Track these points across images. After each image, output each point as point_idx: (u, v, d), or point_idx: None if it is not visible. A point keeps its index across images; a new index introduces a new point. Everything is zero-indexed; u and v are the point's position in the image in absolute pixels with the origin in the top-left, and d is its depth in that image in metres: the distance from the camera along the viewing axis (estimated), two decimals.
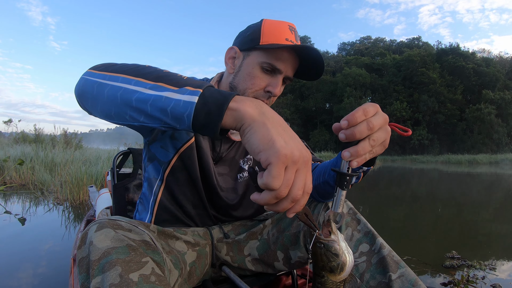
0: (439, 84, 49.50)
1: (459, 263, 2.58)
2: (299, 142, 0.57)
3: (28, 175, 6.33)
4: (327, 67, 60.75)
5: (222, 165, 1.15)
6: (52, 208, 4.24)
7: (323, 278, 0.66)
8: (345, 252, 0.65)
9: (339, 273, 0.64)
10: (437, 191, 8.53)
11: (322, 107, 56.38)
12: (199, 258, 1.05)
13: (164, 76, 0.67)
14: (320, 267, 0.66)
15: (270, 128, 0.55)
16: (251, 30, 1.02)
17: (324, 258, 0.65)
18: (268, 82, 1.00)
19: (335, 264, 0.64)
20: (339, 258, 0.64)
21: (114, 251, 0.66)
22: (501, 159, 31.54)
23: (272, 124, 0.56)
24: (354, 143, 0.62)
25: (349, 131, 0.61)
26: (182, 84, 0.63)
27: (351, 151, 0.62)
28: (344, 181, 0.65)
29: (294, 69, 1.03)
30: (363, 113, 0.62)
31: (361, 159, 0.64)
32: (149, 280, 0.64)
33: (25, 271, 2.17)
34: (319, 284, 0.67)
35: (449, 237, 3.58)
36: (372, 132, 0.63)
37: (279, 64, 0.98)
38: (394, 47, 70.64)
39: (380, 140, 0.65)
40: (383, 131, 0.65)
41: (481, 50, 64.31)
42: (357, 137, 0.61)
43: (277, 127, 0.56)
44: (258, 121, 0.57)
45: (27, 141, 11.84)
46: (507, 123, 46.27)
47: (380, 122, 0.63)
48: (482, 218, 4.70)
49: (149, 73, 0.68)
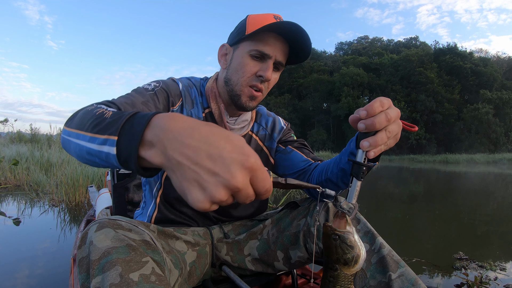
0: (436, 84, 49.66)
1: (468, 264, 2.55)
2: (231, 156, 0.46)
3: (23, 175, 6.21)
4: (324, 66, 60.91)
5: None
6: (47, 210, 4.14)
7: (336, 271, 0.65)
8: (359, 244, 0.64)
9: (353, 266, 0.63)
10: (445, 191, 8.48)
11: (319, 107, 56.46)
12: (199, 258, 1.06)
13: (98, 124, 0.62)
14: (334, 259, 0.64)
15: (179, 176, 0.47)
16: (238, 25, 1.07)
17: (339, 250, 0.63)
18: (259, 67, 1.02)
19: (350, 257, 0.63)
20: (354, 250, 0.63)
21: (114, 250, 0.66)
22: (499, 159, 31.67)
23: (183, 169, 0.46)
24: (371, 134, 0.65)
25: (370, 121, 0.63)
26: (107, 132, 0.58)
27: (370, 141, 0.64)
28: (361, 171, 0.66)
29: (285, 54, 1.04)
30: (380, 105, 0.64)
31: (378, 150, 0.66)
32: (149, 279, 0.65)
33: (20, 274, 2.08)
34: (331, 278, 0.65)
35: (452, 238, 3.53)
36: (389, 123, 0.65)
37: (267, 49, 0.99)
38: (392, 46, 70.70)
39: (395, 132, 0.67)
40: (396, 124, 0.68)
41: (479, 50, 64.85)
42: (376, 127, 0.63)
43: (191, 169, 0.46)
44: (168, 169, 0.49)
45: (23, 141, 11.72)
46: (504, 122, 46.51)
47: (395, 114, 0.66)
48: (489, 218, 4.64)
49: (89, 124, 0.64)
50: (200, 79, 1.21)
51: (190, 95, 1.12)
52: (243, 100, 1.06)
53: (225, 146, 0.46)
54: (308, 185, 0.74)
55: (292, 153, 1.20)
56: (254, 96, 1.05)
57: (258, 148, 1.22)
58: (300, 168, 1.15)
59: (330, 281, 0.66)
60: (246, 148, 0.48)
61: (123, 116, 0.57)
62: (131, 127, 0.54)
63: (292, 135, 1.27)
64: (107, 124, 0.59)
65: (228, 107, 1.14)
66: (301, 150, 1.21)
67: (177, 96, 1.08)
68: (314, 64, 61.15)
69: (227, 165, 0.45)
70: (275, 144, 1.24)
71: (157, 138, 0.49)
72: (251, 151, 0.48)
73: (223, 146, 0.46)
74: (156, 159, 0.50)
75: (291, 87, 58.06)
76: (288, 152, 1.20)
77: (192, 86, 1.15)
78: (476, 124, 46.03)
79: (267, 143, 1.24)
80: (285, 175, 1.20)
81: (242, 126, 1.18)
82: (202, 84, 1.18)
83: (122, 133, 0.55)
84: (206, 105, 1.14)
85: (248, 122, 1.20)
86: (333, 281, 0.65)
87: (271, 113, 1.31)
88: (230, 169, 0.45)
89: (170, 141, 0.48)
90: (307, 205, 1.09)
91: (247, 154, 0.47)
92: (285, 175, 1.20)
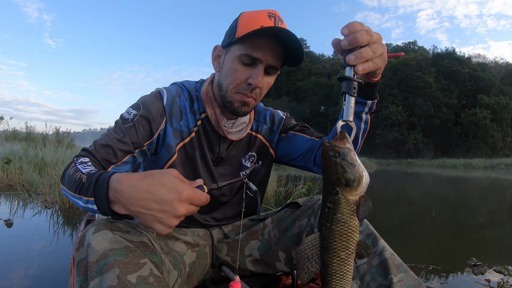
0: (434, 88, 49.75)
1: (485, 270, 2.53)
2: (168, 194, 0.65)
3: (15, 175, 6.03)
4: (322, 69, 61.05)
5: (224, 165, 1.16)
6: (40, 211, 4.00)
7: (336, 195, 0.57)
8: (361, 164, 0.58)
9: (355, 188, 0.56)
10: (449, 196, 8.41)
11: (317, 110, 56.58)
12: (198, 259, 1.07)
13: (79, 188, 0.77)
14: (334, 180, 0.57)
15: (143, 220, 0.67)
16: (231, 25, 1.03)
17: (339, 168, 0.57)
18: (249, 74, 0.99)
19: (351, 176, 0.56)
20: (355, 168, 0.57)
21: (112, 253, 0.67)
22: (497, 164, 31.82)
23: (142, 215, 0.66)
24: (357, 49, 0.65)
25: (352, 35, 0.64)
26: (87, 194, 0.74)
27: (356, 54, 0.64)
28: (352, 86, 0.66)
29: (278, 56, 1.00)
30: (359, 24, 0.66)
31: (366, 66, 0.66)
32: (147, 281, 0.66)
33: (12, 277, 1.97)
34: (331, 204, 0.58)
35: (459, 243, 3.48)
36: (371, 39, 0.66)
37: (257, 53, 0.96)
38: (390, 51, 70.75)
39: (379, 51, 0.68)
40: (380, 45, 0.69)
41: (477, 55, 65.27)
42: (359, 40, 0.64)
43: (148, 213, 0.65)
44: (133, 215, 0.68)
45: (18, 139, 11.53)
46: (502, 127, 46.66)
47: (376, 35, 0.68)
48: (491, 223, 4.59)
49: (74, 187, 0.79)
50: (195, 82, 1.18)
51: (178, 107, 1.09)
52: (235, 106, 1.04)
53: (163, 191, 0.64)
54: (235, 180, 0.84)
55: (294, 137, 1.19)
56: (246, 102, 1.03)
57: (261, 145, 1.23)
58: (305, 148, 1.14)
59: (330, 208, 0.58)
60: (178, 186, 0.65)
61: (92, 181, 0.73)
62: (99, 190, 0.71)
63: (293, 122, 1.27)
64: (85, 188, 0.74)
65: (224, 110, 1.10)
66: (303, 132, 1.20)
67: (159, 116, 1.05)
68: (312, 67, 61.40)
69: (169, 204, 0.64)
70: (276, 136, 1.24)
71: (116, 198, 0.68)
72: (182, 186, 0.66)
73: (161, 192, 0.64)
74: (122, 211, 0.69)
75: (289, 90, 58.20)
76: (290, 137, 1.20)
77: (182, 95, 1.12)
78: (473, 129, 46.16)
79: (269, 137, 1.24)
80: (291, 160, 1.21)
81: (241, 128, 1.15)
82: (197, 89, 1.15)
83: (95, 194, 0.71)
84: (202, 110, 1.12)
85: (246, 124, 1.17)
86: (333, 207, 0.57)
87: (268, 108, 1.30)
88: (172, 205, 0.64)
89: (126, 199, 0.67)
90: (310, 205, 1.08)
91: (180, 191, 0.65)
92: (291, 161, 1.21)
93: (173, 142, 1.06)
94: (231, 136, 1.12)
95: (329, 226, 0.58)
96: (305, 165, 1.16)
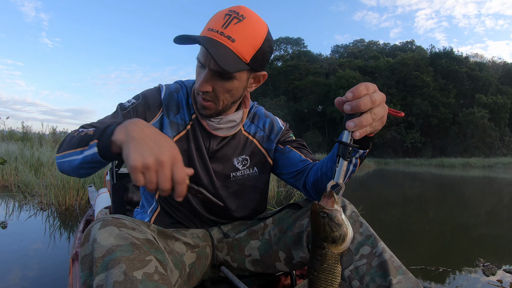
0: (432, 88, 49.87)
1: (495, 270, 2.52)
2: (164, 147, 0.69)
3: (11, 175, 5.97)
4: (320, 69, 60.99)
5: (216, 162, 1.16)
6: (36, 213, 3.96)
7: (324, 249, 0.66)
8: (347, 223, 0.65)
9: (341, 244, 0.64)
10: (455, 198, 8.40)
11: (314, 109, 56.60)
12: (198, 260, 1.07)
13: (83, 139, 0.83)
14: (322, 237, 0.65)
15: (131, 146, 0.68)
16: None
17: (327, 228, 0.65)
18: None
19: (337, 235, 0.64)
20: (341, 228, 0.64)
21: (118, 248, 0.68)
22: (495, 163, 31.95)
23: (135, 142, 0.68)
24: (357, 115, 0.67)
25: (355, 102, 0.66)
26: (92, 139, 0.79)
27: (355, 121, 0.66)
28: (347, 151, 0.68)
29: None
30: (365, 88, 0.67)
31: (363, 131, 0.68)
32: (153, 278, 0.67)
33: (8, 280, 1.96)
34: (319, 257, 0.67)
35: (463, 244, 3.45)
36: (374, 106, 0.67)
37: (201, 57, 0.97)
38: (388, 50, 70.81)
39: (380, 115, 0.69)
40: (381, 107, 0.70)
41: (474, 55, 65.31)
42: (361, 108, 0.66)
43: (139, 142, 0.68)
44: (124, 142, 0.70)
45: (14, 139, 11.46)
46: (499, 127, 46.83)
47: (379, 98, 0.69)
48: (495, 224, 4.57)
49: (74, 142, 0.85)
50: (194, 81, 1.19)
51: (176, 101, 1.14)
52: (198, 108, 1.07)
53: (165, 140, 0.71)
54: (213, 199, 0.78)
55: (290, 152, 1.19)
56: (203, 105, 1.04)
57: (256, 150, 1.22)
58: (298, 168, 1.14)
59: (318, 260, 0.67)
60: (176, 148, 0.71)
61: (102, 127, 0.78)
62: (106, 131, 0.76)
63: (291, 135, 1.27)
64: (90, 135, 0.80)
65: None
66: (299, 150, 1.20)
67: (156, 107, 1.11)
68: (310, 66, 61.31)
69: (161, 147, 0.68)
70: (273, 145, 1.23)
71: (123, 126, 0.73)
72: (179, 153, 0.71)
73: (164, 140, 0.71)
74: (120, 136, 0.71)
75: (286, 89, 58.10)
76: (287, 151, 1.20)
77: (180, 91, 1.17)
78: (471, 128, 46.24)
79: (265, 144, 1.23)
80: (282, 174, 1.22)
81: (230, 126, 1.15)
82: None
83: (101, 135, 0.77)
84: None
85: (237, 123, 1.17)
86: (321, 259, 0.66)
87: (269, 114, 1.30)
88: (161, 149, 0.68)
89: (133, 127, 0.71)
90: (311, 206, 1.02)
91: (176, 149, 0.70)
92: (282, 174, 1.22)
93: (169, 134, 1.10)
94: (218, 133, 1.13)
95: (316, 275, 0.67)
96: (295, 184, 1.16)
